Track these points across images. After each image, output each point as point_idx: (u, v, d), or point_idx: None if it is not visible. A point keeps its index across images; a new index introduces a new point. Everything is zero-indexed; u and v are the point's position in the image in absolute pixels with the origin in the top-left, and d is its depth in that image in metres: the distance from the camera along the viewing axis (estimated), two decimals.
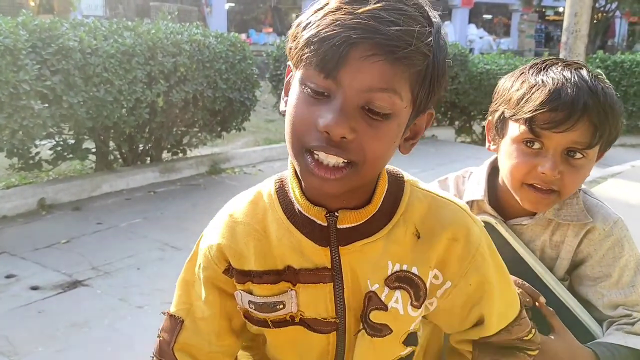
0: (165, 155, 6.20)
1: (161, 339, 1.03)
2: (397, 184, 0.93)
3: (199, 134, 6.28)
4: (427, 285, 0.92)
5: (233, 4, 23.02)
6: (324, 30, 0.74)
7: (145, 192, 5.43)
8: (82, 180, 5.25)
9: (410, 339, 0.97)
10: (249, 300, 0.95)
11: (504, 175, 1.22)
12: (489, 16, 30.80)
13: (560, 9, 25.14)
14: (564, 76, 1.13)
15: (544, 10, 28.39)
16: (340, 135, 0.76)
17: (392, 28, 0.73)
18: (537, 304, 1.14)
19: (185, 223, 4.61)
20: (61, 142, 5.14)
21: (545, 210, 1.21)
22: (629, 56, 10.14)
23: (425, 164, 5.71)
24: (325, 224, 0.89)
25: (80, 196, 5.08)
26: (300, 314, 0.94)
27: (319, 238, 0.90)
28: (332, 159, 0.78)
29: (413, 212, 0.91)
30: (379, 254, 0.90)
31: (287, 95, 0.85)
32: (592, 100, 1.11)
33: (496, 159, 1.27)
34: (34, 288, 3.39)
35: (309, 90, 0.78)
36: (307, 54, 0.76)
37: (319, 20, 0.76)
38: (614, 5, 18.18)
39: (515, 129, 1.16)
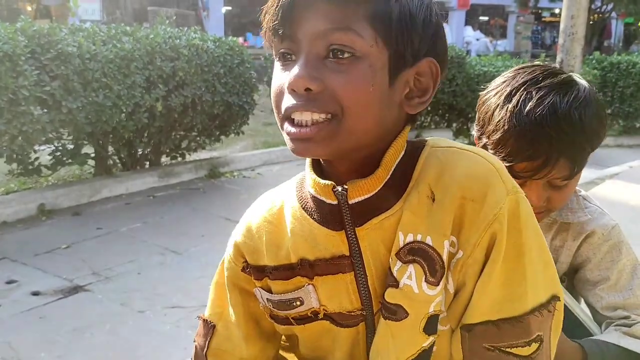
0: (164, 159, 6.21)
1: (196, 344, 1.00)
2: (415, 149, 0.83)
3: (198, 138, 6.30)
4: (444, 257, 0.78)
5: (230, 8, 23.04)
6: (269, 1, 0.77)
7: (145, 196, 5.44)
8: (81, 186, 5.25)
9: (431, 325, 0.81)
10: (267, 298, 0.91)
11: None
12: (486, 18, 30.87)
13: (557, 11, 25.20)
14: (536, 119, 1.09)
15: (540, 11, 28.45)
16: (303, 86, 0.74)
17: None
18: None
19: (185, 227, 4.62)
20: (60, 148, 5.15)
21: (542, 220, 1.23)
22: (625, 57, 10.17)
23: None
24: (335, 202, 0.81)
25: (79, 201, 5.08)
26: (324, 309, 0.86)
27: (332, 221, 0.82)
28: (306, 116, 0.75)
29: (428, 172, 0.80)
30: (397, 228, 0.80)
31: None
32: (567, 139, 1.09)
33: None
34: (35, 294, 3.39)
35: (280, 60, 0.79)
36: (266, 27, 0.78)
37: None
38: (610, 7, 18.24)
39: None
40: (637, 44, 26.33)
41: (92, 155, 5.51)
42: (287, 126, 0.77)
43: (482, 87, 1.25)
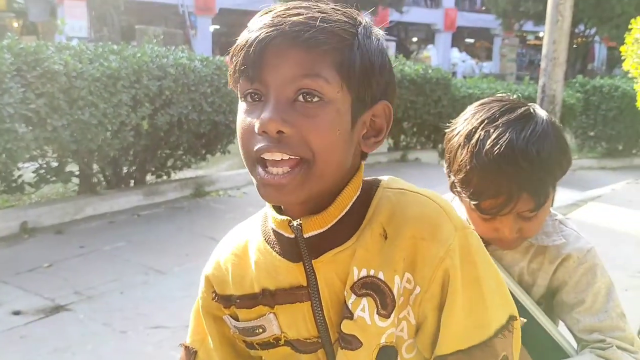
0: (149, 178, 6.19)
1: None
2: (369, 188, 0.89)
3: (184, 157, 6.29)
4: (395, 291, 0.84)
5: (218, 26, 23.17)
6: (239, 43, 0.80)
7: (129, 215, 5.41)
8: (65, 204, 5.21)
9: (384, 355, 0.87)
10: (234, 325, 0.96)
11: None
12: (472, 40, 31.30)
13: (541, 34, 25.64)
14: (494, 158, 1.11)
15: (524, 35, 28.92)
16: (275, 129, 0.77)
17: (295, 17, 0.78)
18: None
19: (169, 246, 4.60)
20: (44, 165, 5.11)
21: (519, 246, 1.25)
22: (607, 80, 10.35)
23: None
24: (293, 236, 0.86)
25: (63, 219, 5.04)
26: (284, 336, 0.92)
27: (291, 254, 0.87)
28: (277, 156, 0.78)
29: (381, 212, 0.86)
30: (351, 263, 0.86)
31: None
32: (526, 175, 1.11)
33: None
34: (16, 313, 3.35)
35: (246, 101, 0.82)
36: (234, 69, 0.81)
37: (239, 38, 0.82)
38: (593, 31, 18.60)
39: (465, 201, 1.20)
40: (619, 67, 26.81)
41: (77, 173, 5.48)
42: (260, 170, 0.80)
43: (447, 124, 1.28)
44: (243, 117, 0.82)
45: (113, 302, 3.57)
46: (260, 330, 0.93)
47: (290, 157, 0.78)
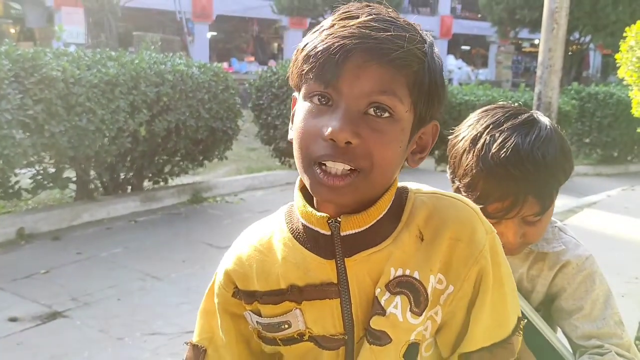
0: (146, 184, 6.19)
1: None
2: (401, 195, 0.92)
3: (181, 163, 6.30)
4: (429, 290, 0.87)
5: (215, 33, 23.19)
6: (319, 44, 0.80)
7: (126, 221, 5.40)
8: (62, 210, 5.21)
9: (411, 353, 0.90)
10: (257, 321, 0.97)
11: None
12: (467, 47, 31.40)
13: (536, 41, 25.75)
14: (500, 161, 1.13)
15: (520, 42, 29.03)
16: (344, 139, 0.78)
17: (383, 34, 0.78)
18: None
19: (166, 253, 4.59)
20: (41, 171, 5.11)
21: (520, 253, 1.26)
22: (602, 88, 10.39)
23: None
24: (329, 233, 0.88)
25: (60, 225, 5.03)
26: (309, 332, 0.93)
27: (324, 250, 0.89)
28: (339, 166, 0.80)
29: (417, 215, 0.89)
30: (385, 263, 0.88)
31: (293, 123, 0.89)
32: (531, 178, 1.13)
33: None
34: (13, 319, 3.34)
35: (312, 102, 0.82)
36: (307, 69, 0.80)
37: (315, 38, 0.81)
38: (588, 38, 18.68)
39: None
40: (614, 74, 26.92)
41: (74, 179, 5.47)
42: (317, 170, 0.82)
43: (450, 131, 1.29)
44: (307, 118, 0.82)
45: (110, 308, 3.56)
46: (286, 326, 0.93)
47: (351, 167, 0.80)
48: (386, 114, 0.80)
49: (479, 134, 1.18)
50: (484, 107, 1.27)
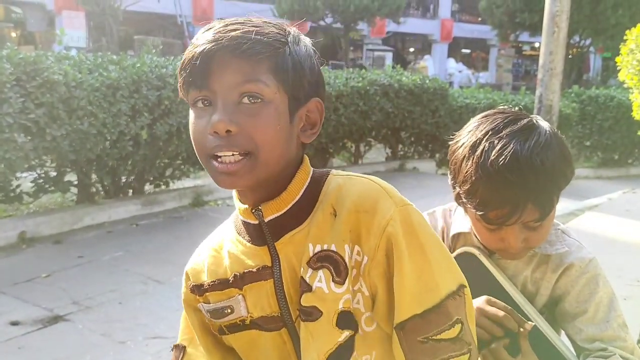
0: (147, 187, 6.19)
1: None
2: (320, 177, 1.01)
3: (182, 167, 6.30)
4: (346, 259, 0.93)
5: None
6: (187, 57, 0.91)
7: (128, 224, 5.41)
8: (63, 213, 5.21)
9: (344, 321, 0.95)
10: (206, 310, 1.05)
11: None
12: (468, 51, 31.45)
13: (536, 44, 25.78)
14: (499, 168, 1.12)
15: (520, 45, 29.08)
16: (224, 129, 0.87)
17: (233, 32, 0.90)
18: (521, 329, 1.18)
19: (167, 256, 4.59)
20: (43, 175, 5.12)
21: (523, 257, 1.26)
22: (603, 91, 10.41)
23: (408, 197, 5.73)
24: (257, 222, 0.97)
25: (61, 229, 5.04)
26: (250, 316, 1.00)
27: (257, 239, 0.98)
28: (229, 154, 0.89)
29: (331, 194, 0.97)
30: (305, 242, 0.96)
31: None
32: (531, 185, 1.12)
33: None
34: (14, 323, 3.34)
35: (197, 107, 0.92)
36: (183, 80, 0.92)
37: (185, 53, 0.93)
38: (588, 41, 18.71)
39: (471, 211, 1.21)
40: (614, 77, 26.92)
41: (75, 182, 5.48)
42: (214, 163, 0.91)
43: (450, 136, 1.29)
44: (195, 121, 0.92)
45: (112, 312, 3.56)
46: (229, 310, 1.01)
47: (240, 152, 0.89)
48: (257, 100, 0.89)
49: (478, 141, 1.18)
50: (484, 113, 1.27)
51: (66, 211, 5.30)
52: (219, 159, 0.90)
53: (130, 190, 6.00)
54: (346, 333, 0.95)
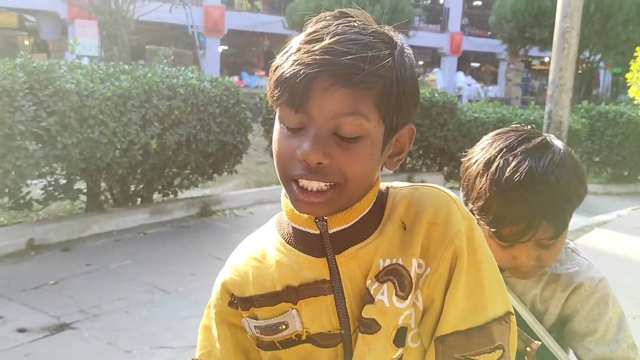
0: (156, 196, 6.22)
1: None
2: (383, 193, 0.97)
3: (191, 176, 6.32)
4: (412, 274, 0.90)
5: (226, 47, 23.36)
6: (286, 71, 0.83)
7: (136, 233, 5.42)
8: (71, 221, 5.24)
9: (400, 337, 0.91)
10: (254, 326, 0.99)
11: None
12: (477, 64, 31.45)
13: (546, 59, 25.77)
14: (514, 185, 1.13)
15: (530, 59, 29.06)
16: (316, 161, 0.83)
17: (345, 58, 0.81)
18: (528, 349, 1.18)
19: (175, 265, 4.60)
20: (53, 182, 5.15)
21: (535, 276, 1.26)
22: (612, 107, 10.37)
23: None
24: (318, 232, 0.92)
25: (69, 237, 5.06)
26: (306, 331, 0.95)
27: (315, 249, 0.93)
28: (314, 184, 0.85)
29: (398, 207, 0.94)
30: (373, 256, 0.92)
31: None
32: (546, 202, 1.13)
33: None
34: (21, 330, 3.35)
35: (285, 126, 0.86)
36: (277, 94, 0.85)
37: (283, 62, 0.85)
38: (598, 57, 18.67)
39: (484, 228, 1.20)
40: (624, 93, 26.82)
41: (84, 190, 5.51)
42: (294, 187, 0.87)
43: (459, 151, 1.29)
44: (282, 140, 0.87)
45: (118, 321, 3.57)
46: (284, 326, 0.96)
47: (325, 184, 0.85)
48: (353, 135, 0.84)
49: (492, 157, 1.19)
50: (497, 130, 1.28)
51: (75, 219, 5.32)
52: (299, 183, 0.86)
53: (139, 199, 6.02)
54: (400, 351, 0.92)
